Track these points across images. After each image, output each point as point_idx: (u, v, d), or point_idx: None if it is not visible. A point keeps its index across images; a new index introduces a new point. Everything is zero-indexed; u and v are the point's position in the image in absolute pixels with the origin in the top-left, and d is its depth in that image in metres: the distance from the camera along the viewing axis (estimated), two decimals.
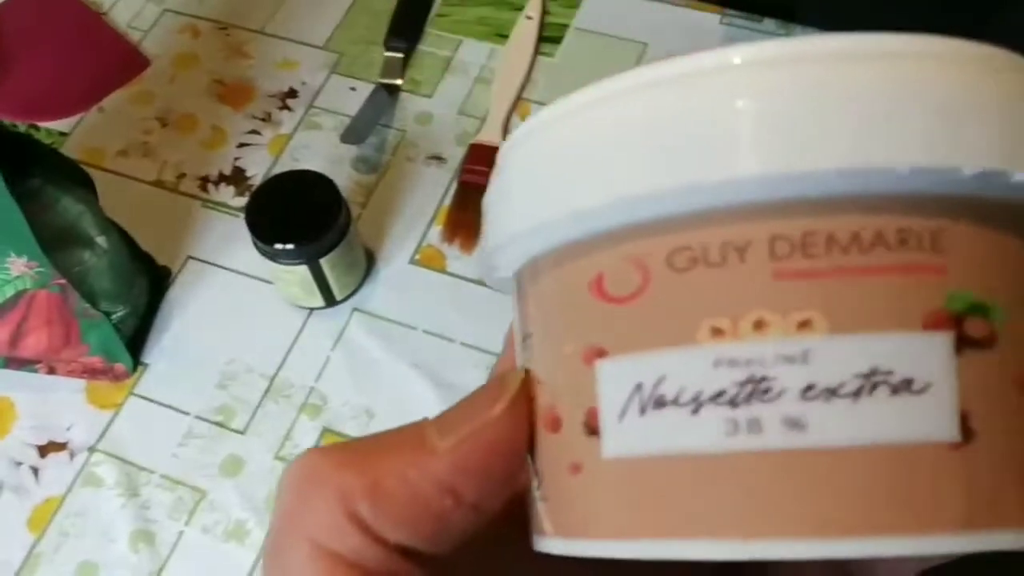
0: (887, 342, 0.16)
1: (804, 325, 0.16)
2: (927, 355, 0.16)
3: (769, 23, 0.75)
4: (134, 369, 0.63)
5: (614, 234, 0.18)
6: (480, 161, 0.69)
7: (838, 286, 0.16)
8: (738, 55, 0.17)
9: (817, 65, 0.17)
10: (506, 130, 0.71)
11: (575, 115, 0.18)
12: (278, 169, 0.71)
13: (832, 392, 0.16)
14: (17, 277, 0.57)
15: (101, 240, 0.60)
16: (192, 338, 0.64)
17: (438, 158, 0.71)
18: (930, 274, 0.16)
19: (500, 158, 0.21)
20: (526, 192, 0.19)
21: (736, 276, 0.16)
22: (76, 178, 0.61)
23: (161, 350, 0.64)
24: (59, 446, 0.61)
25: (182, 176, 0.72)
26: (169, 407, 0.62)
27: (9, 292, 0.57)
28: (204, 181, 0.72)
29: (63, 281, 0.57)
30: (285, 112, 0.74)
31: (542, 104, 0.73)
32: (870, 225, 0.16)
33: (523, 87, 0.74)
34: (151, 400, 0.62)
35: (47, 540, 0.57)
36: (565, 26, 0.77)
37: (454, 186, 0.69)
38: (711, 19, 0.76)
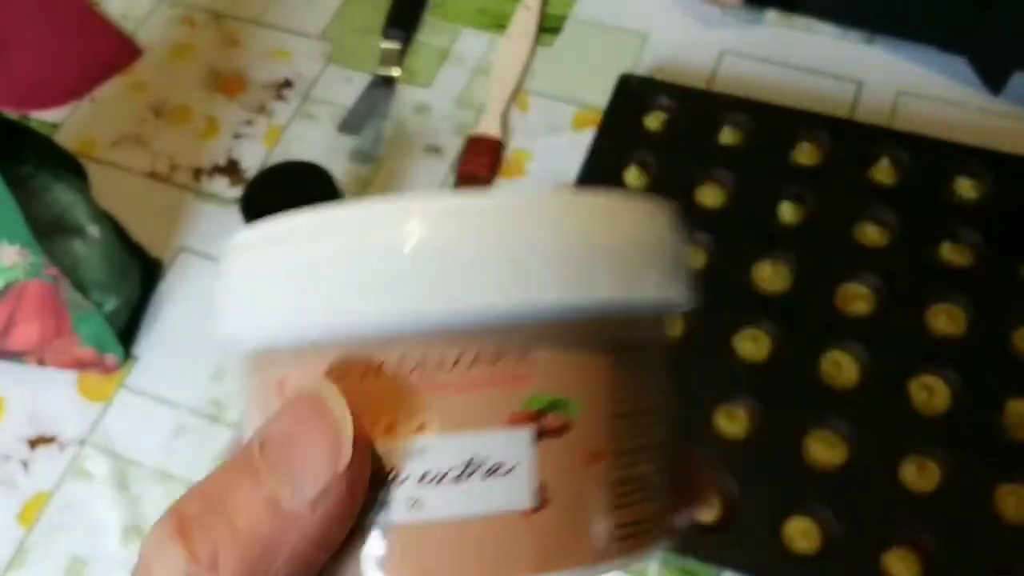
0: (482, 437, 0.21)
1: (422, 427, 0.21)
2: (511, 445, 0.21)
3: (771, 14, 0.74)
4: (125, 361, 0.62)
5: (296, 346, 0.22)
6: (478, 153, 0.68)
7: (448, 396, 0.21)
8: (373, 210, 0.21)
9: (392, 226, 0.21)
10: (504, 121, 0.70)
11: (267, 244, 0.22)
12: (273, 160, 0.70)
13: (442, 477, 0.21)
14: (9, 267, 0.56)
15: (93, 230, 0.59)
16: (184, 330, 0.63)
17: (436, 149, 0.70)
18: (517, 383, 0.21)
19: (226, 251, 0.23)
20: (235, 297, 0.23)
21: (375, 388, 0.21)
22: (68, 166, 0.60)
23: (153, 342, 0.63)
24: (49, 439, 0.60)
25: (175, 167, 0.71)
26: (161, 400, 0.61)
27: (0, 283, 0.56)
28: (198, 172, 0.71)
29: (55, 271, 0.56)
30: (280, 103, 0.73)
31: (541, 95, 0.72)
32: (472, 348, 0.21)
33: (522, 78, 0.73)
34: (143, 393, 0.61)
35: (37, 534, 0.56)
36: (564, 16, 0.76)
37: (451, 178, 0.68)
38: (712, 10, 0.75)
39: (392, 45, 0.75)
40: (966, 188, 0.62)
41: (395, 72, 0.74)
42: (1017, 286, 0.59)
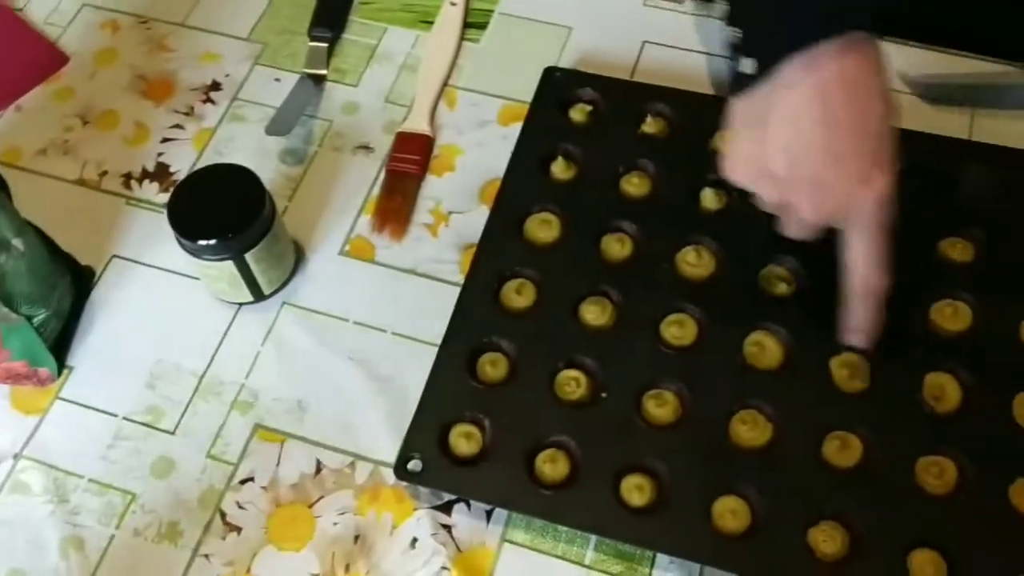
0: None
1: None
2: None
3: (690, 4, 0.75)
4: (59, 373, 0.61)
5: None
6: (407, 149, 0.69)
7: None
8: None
9: None
10: (433, 117, 0.71)
11: None
12: (203, 164, 0.70)
13: None
14: None
15: (17, 242, 0.58)
16: (119, 338, 0.63)
17: (365, 147, 0.70)
18: None
19: None
20: None
21: None
22: None
23: (87, 352, 0.63)
24: None
25: (104, 174, 0.71)
26: (97, 410, 0.61)
27: None
28: (127, 178, 0.70)
29: None
30: (209, 105, 0.73)
31: (469, 90, 0.73)
32: None
33: (449, 73, 0.73)
34: (78, 403, 0.61)
35: None
36: (490, 11, 0.77)
37: (382, 175, 0.69)
38: (634, 2, 0.76)
39: (319, 45, 0.75)
40: None
41: (323, 72, 0.74)
42: (931, 263, 0.61)
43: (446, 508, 0.56)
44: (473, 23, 0.76)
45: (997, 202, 0.62)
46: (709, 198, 0.64)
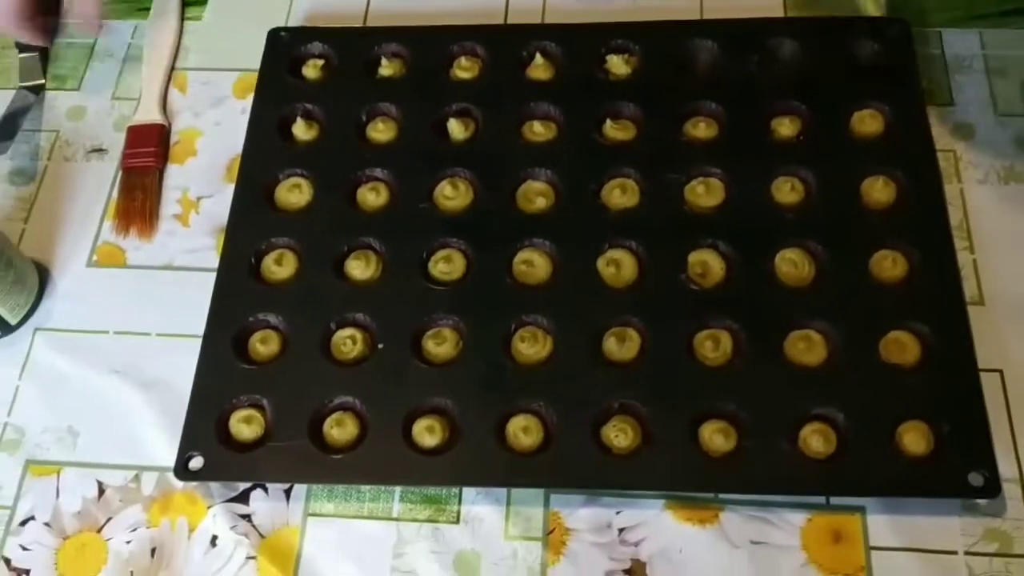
0: None
1: None
2: None
3: None
4: None
5: None
6: (141, 143, 0.65)
7: None
8: None
9: None
10: (165, 105, 0.67)
11: None
12: None
13: None
14: None
15: None
16: None
17: (99, 150, 0.66)
18: None
19: None
20: None
21: None
22: None
23: None
24: None
25: None
26: None
27: None
28: None
29: None
30: None
31: (198, 70, 0.69)
32: None
33: (175, 57, 0.70)
34: None
35: None
36: None
37: (120, 174, 0.65)
38: None
39: (30, 54, 0.70)
40: (618, 65, 0.64)
41: (40, 81, 0.69)
42: (680, 146, 0.61)
43: (243, 498, 0.54)
44: (192, 1, 0.72)
45: (727, 75, 0.63)
46: (456, 128, 0.63)
